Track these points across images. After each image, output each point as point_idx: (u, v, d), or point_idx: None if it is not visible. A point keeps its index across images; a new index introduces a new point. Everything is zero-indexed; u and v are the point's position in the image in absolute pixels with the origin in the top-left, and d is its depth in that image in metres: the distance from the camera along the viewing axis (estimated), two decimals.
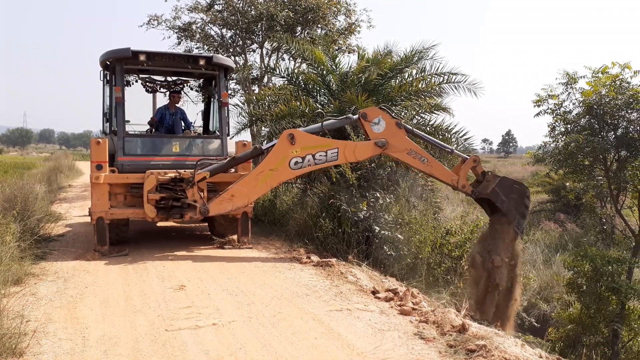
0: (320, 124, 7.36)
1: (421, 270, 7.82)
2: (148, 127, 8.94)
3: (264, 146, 7.35)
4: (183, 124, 9.02)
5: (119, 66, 7.71)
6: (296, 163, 6.94)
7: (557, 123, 9.51)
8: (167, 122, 8.75)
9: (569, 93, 9.31)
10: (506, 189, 7.16)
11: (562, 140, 9.44)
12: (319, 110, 9.35)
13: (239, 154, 7.54)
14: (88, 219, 8.03)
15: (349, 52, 17.12)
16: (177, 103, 9.00)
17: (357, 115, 7.24)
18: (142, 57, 7.68)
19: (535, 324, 9.90)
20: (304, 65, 12.65)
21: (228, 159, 7.45)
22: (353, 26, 17.32)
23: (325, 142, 7.19)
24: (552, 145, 9.77)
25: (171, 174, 7.24)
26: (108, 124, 8.43)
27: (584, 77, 9.14)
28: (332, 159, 7.05)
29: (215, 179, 7.48)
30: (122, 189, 7.41)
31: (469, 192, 7.30)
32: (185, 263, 6.84)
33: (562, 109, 9.41)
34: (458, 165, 7.36)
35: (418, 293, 5.75)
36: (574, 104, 9.35)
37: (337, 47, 16.07)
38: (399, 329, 4.49)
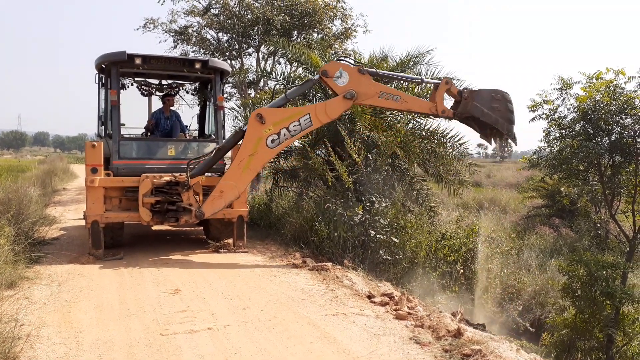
0: (283, 95, 7.29)
1: (417, 275, 7.82)
2: (144, 130, 8.93)
3: (245, 128, 7.23)
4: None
5: (115, 69, 7.70)
6: (273, 141, 6.89)
7: (551, 128, 9.55)
8: (162, 126, 8.73)
9: (564, 98, 9.35)
10: (486, 101, 6.96)
11: (556, 146, 9.48)
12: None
13: (223, 142, 7.48)
14: (83, 223, 7.99)
15: (345, 57, 17.16)
16: (172, 106, 8.99)
17: (317, 75, 7.14)
18: (137, 61, 7.67)
19: (530, 329, 9.91)
20: (300, 70, 12.65)
21: (214, 151, 7.40)
22: (349, 31, 17.40)
23: (295, 111, 7.14)
24: (546, 150, 9.81)
25: (166, 177, 7.23)
26: (103, 127, 8.41)
27: (578, 82, 9.20)
28: (306, 125, 6.97)
29: (212, 182, 7.47)
30: (117, 193, 7.38)
31: (451, 116, 7.16)
32: (180, 267, 6.82)
33: (556, 114, 9.45)
34: (432, 92, 7.22)
35: (413, 297, 5.76)
36: (568, 109, 9.39)
37: (333, 52, 16.12)
38: (394, 333, 4.49)
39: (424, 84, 7.44)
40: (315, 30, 16.69)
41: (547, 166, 9.65)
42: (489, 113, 6.93)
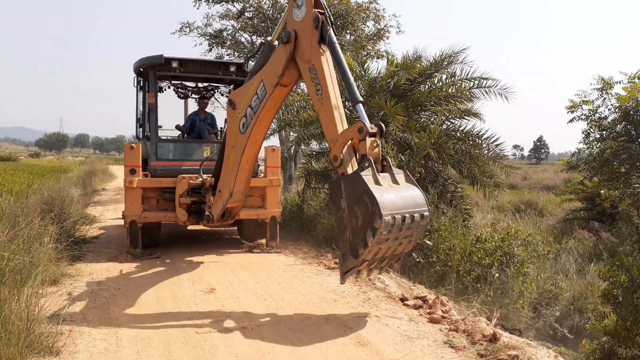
0: (249, 72, 6.18)
1: (450, 278, 7.71)
2: (179, 132, 9.13)
3: None
4: (212, 129, 9.15)
5: (152, 73, 7.90)
6: (244, 125, 5.92)
7: (591, 129, 9.31)
8: (197, 128, 8.91)
9: (604, 99, 9.11)
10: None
11: (596, 147, 9.24)
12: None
13: (223, 135, 7.20)
14: (121, 222, 8.22)
15: (378, 58, 17.10)
16: (205, 108, 9.16)
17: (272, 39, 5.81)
18: (174, 64, 7.85)
19: (569, 335, 9.63)
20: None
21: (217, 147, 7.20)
22: (382, 32, 17.31)
23: (253, 83, 5.83)
24: (586, 152, 9.57)
25: (201, 178, 7.36)
26: (141, 129, 8.63)
27: (619, 82, 8.94)
28: (263, 95, 5.63)
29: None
30: (155, 193, 7.56)
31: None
32: (215, 266, 6.93)
33: (596, 115, 9.21)
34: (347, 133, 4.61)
35: (447, 301, 5.68)
36: (609, 109, 9.15)
37: (365, 53, 16.06)
38: (428, 337, 4.45)
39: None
40: (347, 31, 16.67)
41: (586, 168, 9.41)
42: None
